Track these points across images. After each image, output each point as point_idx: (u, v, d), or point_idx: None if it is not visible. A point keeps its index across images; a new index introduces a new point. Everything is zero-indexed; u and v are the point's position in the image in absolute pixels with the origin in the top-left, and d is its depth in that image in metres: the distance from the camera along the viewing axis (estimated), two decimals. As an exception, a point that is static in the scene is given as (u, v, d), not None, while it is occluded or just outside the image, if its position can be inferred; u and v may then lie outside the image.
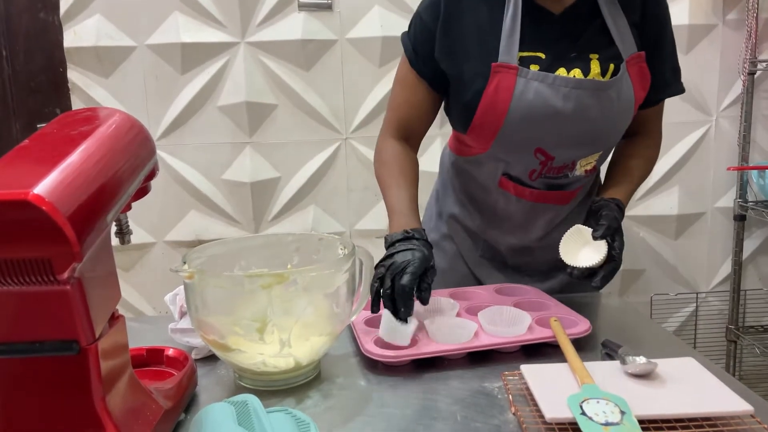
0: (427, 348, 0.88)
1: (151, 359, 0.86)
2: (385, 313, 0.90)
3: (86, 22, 1.86)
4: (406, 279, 0.88)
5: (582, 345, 0.93)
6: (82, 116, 0.69)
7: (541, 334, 0.92)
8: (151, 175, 0.71)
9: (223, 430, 0.64)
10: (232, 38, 1.89)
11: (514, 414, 0.75)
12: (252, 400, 0.71)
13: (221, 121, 1.93)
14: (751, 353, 2.11)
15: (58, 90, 1.94)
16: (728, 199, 2.06)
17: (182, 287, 0.97)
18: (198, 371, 0.85)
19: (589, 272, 0.97)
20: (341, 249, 0.89)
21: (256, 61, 1.90)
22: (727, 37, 1.96)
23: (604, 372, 0.79)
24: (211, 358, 0.93)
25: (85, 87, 1.90)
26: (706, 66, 1.98)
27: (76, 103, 1.92)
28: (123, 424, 0.62)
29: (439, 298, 1.04)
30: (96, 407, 0.60)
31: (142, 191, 0.70)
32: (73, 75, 1.90)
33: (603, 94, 1.00)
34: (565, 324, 0.93)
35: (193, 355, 0.92)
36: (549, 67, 0.99)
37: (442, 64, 1.05)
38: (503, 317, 0.96)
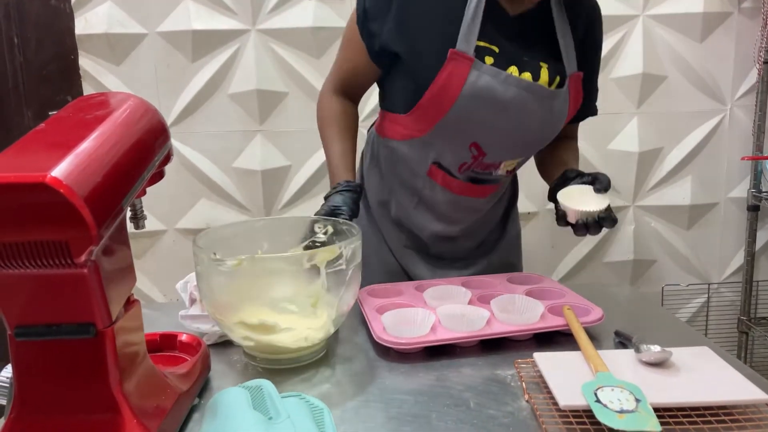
0: (440, 335, 0.88)
1: (164, 344, 0.87)
2: None
3: (97, 9, 1.86)
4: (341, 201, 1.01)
5: (594, 334, 0.93)
6: (97, 101, 0.69)
7: (553, 322, 0.92)
8: (166, 159, 0.71)
9: (238, 414, 0.64)
10: (242, 26, 1.88)
11: (527, 401, 0.75)
12: (266, 385, 0.71)
13: (232, 109, 1.93)
14: (762, 344, 2.10)
15: (70, 78, 1.94)
16: (742, 190, 2.04)
17: (192, 275, 0.97)
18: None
19: (596, 221, 0.98)
20: (319, 227, 0.96)
21: (267, 49, 1.90)
22: (743, 25, 1.94)
23: (618, 360, 0.79)
24: (222, 344, 0.94)
25: (97, 74, 1.90)
26: (720, 55, 1.96)
27: (88, 91, 1.92)
28: (139, 408, 0.62)
29: (451, 286, 1.04)
30: (112, 390, 0.61)
31: (157, 176, 0.70)
32: (85, 62, 1.90)
33: (546, 102, 1.02)
34: (578, 312, 0.93)
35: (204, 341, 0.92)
36: (502, 63, 1.00)
37: (392, 41, 1.03)
38: (516, 305, 0.96)
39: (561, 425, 0.68)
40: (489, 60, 0.99)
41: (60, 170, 0.51)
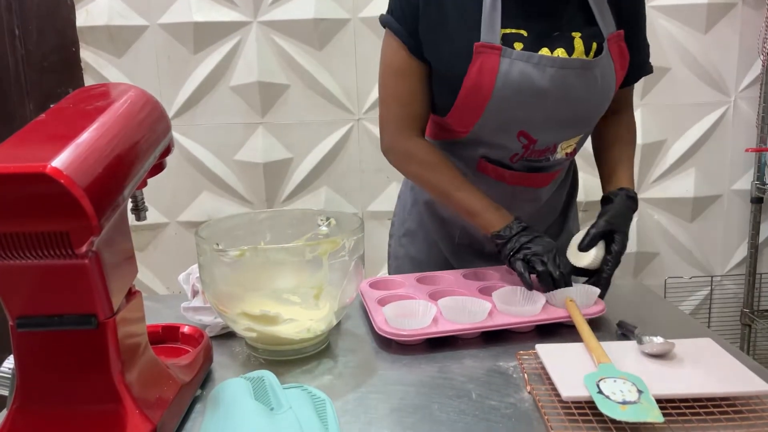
0: (442, 327, 0.88)
1: (167, 336, 0.87)
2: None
3: (99, 1, 1.85)
4: (563, 265, 0.95)
5: (597, 326, 0.92)
6: (98, 91, 0.69)
7: (555, 314, 0.92)
8: (167, 151, 0.71)
9: (241, 405, 0.64)
10: (244, 17, 1.88)
11: (529, 393, 0.75)
12: (268, 376, 0.71)
13: (233, 102, 1.93)
14: (765, 337, 2.10)
15: (71, 70, 1.94)
16: (746, 182, 2.03)
17: (195, 267, 0.97)
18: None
19: (591, 273, 0.98)
20: (321, 219, 0.95)
21: (269, 41, 1.89)
22: (747, 16, 1.92)
23: (621, 352, 0.78)
24: (224, 336, 0.94)
25: (98, 67, 1.90)
26: (724, 46, 1.94)
27: (89, 83, 1.92)
28: (141, 399, 0.62)
29: (450, 276, 1.04)
30: (114, 381, 0.61)
31: (158, 167, 0.70)
32: (86, 54, 1.90)
33: (588, 73, 0.97)
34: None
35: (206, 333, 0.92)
36: (532, 45, 0.95)
37: (423, 44, 0.99)
38: (517, 297, 0.96)
39: (563, 416, 0.68)
40: (518, 45, 0.95)
41: (60, 161, 0.51)
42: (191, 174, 1.97)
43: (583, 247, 0.97)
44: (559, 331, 0.92)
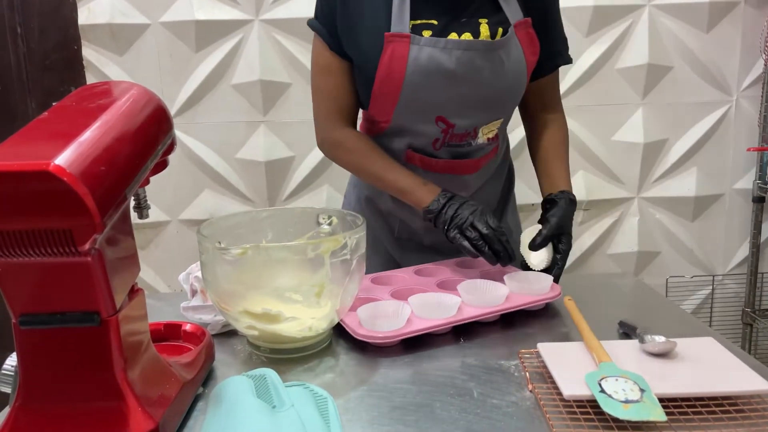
0: (414, 326, 0.88)
1: (169, 334, 0.87)
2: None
3: (100, -1, 1.85)
4: (492, 221, 1.00)
5: (598, 324, 0.92)
6: (100, 90, 0.69)
7: (520, 301, 0.96)
8: (170, 149, 0.71)
9: (243, 403, 0.64)
10: (246, 16, 1.87)
11: (531, 391, 0.75)
12: (270, 374, 0.71)
13: (235, 100, 1.93)
14: (767, 336, 2.09)
15: (73, 68, 1.94)
16: (747, 181, 2.03)
17: (195, 266, 0.98)
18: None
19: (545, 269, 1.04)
20: (323, 218, 0.96)
21: (271, 39, 1.89)
22: (749, 15, 1.92)
23: (622, 351, 0.78)
24: (226, 334, 0.94)
25: (100, 65, 1.90)
26: (727, 45, 1.94)
27: (91, 81, 1.92)
28: (143, 396, 0.62)
29: (404, 275, 1.06)
30: (116, 379, 0.61)
31: (161, 165, 0.70)
32: (88, 52, 1.90)
33: (493, 54, 1.02)
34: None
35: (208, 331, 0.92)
36: (441, 32, 1.01)
37: (342, 41, 1.05)
38: (480, 289, 0.98)
39: (565, 415, 0.68)
40: (427, 33, 1.01)
41: (63, 158, 0.51)
42: (193, 172, 1.97)
43: (535, 246, 1.02)
44: (560, 329, 0.93)
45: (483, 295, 0.96)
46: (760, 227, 2.02)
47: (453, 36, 1.01)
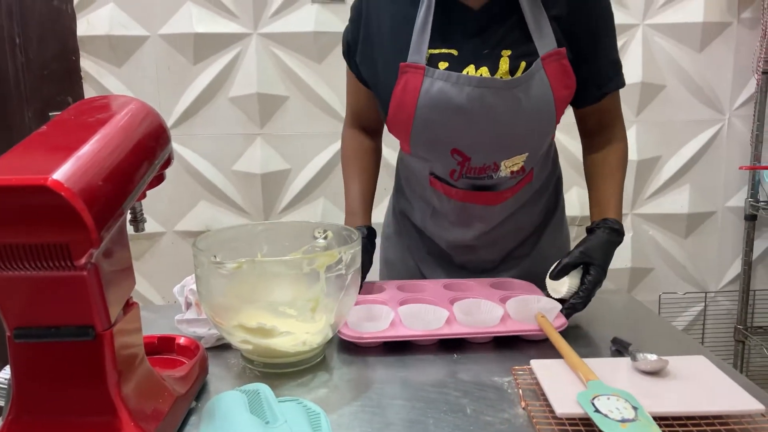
0: (398, 332, 0.91)
1: (162, 347, 0.87)
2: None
3: (99, 11, 1.87)
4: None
5: (591, 342, 0.93)
6: (99, 104, 0.69)
7: (514, 327, 0.93)
8: (167, 163, 0.71)
9: (236, 418, 0.64)
10: (244, 29, 1.89)
11: (524, 409, 0.75)
12: (263, 389, 0.71)
13: (232, 112, 1.94)
14: (759, 354, 2.10)
15: (71, 78, 1.95)
16: (739, 199, 2.05)
17: (189, 278, 0.98)
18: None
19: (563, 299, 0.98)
20: (318, 232, 0.96)
21: (268, 53, 1.90)
22: (742, 35, 1.95)
23: (614, 369, 0.79)
24: (219, 347, 0.94)
25: (98, 76, 1.91)
26: (719, 64, 1.97)
27: (89, 92, 1.93)
28: (136, 410, 0.62)
29: (431, 285, 1.07)
30: (110, 393, 0.61)
31: (158, 179, 0.70)
32: (86, 63, 1.91)
33: (508, 93, 0.95)
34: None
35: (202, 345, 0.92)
36: (458, 64, 0.97)
37: (360, 66, 1.07)
38: (480, 309, 0.97)
39: (557, 433, 0.68)
40: (443, 65, 0.97)
41: (61, 173, 0.52)
42: (189, 184, 1.97)
43: (553, 275, 0.97)
44: (553, 346, 0.92)
45: (476, 315, 0.95)
46: (752, 245, 2.03)
47: (470, 69, 0.96)
